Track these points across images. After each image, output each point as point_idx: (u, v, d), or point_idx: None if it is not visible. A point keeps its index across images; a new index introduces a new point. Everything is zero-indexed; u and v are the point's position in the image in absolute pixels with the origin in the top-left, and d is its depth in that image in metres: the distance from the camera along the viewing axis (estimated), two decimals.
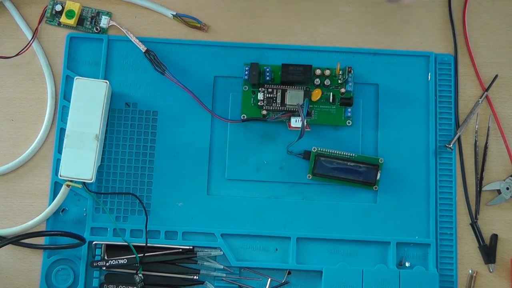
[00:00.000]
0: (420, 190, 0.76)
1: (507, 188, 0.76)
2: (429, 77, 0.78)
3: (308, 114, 0.75)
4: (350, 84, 0.75)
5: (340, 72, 0.76)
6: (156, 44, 0.78)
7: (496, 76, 0.78)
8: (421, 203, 0.75)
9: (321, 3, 0.80)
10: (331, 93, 0.76)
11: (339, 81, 0.76)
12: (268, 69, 0.75)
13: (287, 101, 0.75)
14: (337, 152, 0.75)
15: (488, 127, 0.77)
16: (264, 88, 0.75)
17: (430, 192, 0.76)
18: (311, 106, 0.76)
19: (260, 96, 0.75)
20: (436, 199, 0.76)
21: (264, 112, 0.75)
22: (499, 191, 0.76)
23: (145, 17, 0.79)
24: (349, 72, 0.75)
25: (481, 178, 0.76)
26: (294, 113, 0.75)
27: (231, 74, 0.78)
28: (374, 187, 0.75)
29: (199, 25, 0.78)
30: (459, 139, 0.77)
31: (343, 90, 0.75)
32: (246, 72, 0.75)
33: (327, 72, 0.76)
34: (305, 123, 0.72)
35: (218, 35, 0.79)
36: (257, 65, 0.75)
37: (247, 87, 0.76)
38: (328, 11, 0.80)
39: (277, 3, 0.80)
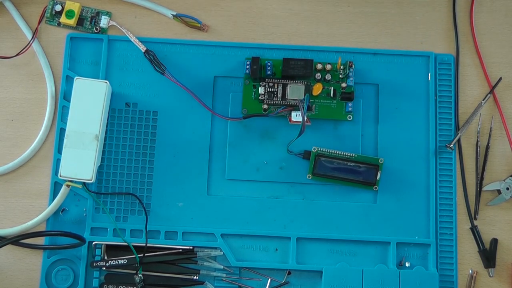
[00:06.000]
0: (420, 190, 0.76)
1: (507, 188, 0.76)
2: (429, 77, 0.78)
3: (309, 108, 0.75)
4: (351, 78, 0.75)
5: (341, 67, 0.76)
6: (156, 44, 0.78)
7: (500, 78, 0.78)
8: (421, 203, 0.75)
9: (321, 3, 0.80)
10: (332, 88, 0.76)
11: (340, 76, 0.76)
12: (269, 64, 0.75)
13: (288, 95, 0.75)
14: (337, 152, 0.75)
15: (491, 127, 0.77)
16: (265, 82, 0.75)
17: (430, 192, 0.76)
18: (312, 100, 0.76)
19: (261, 90, 0.75)
20: (436, 199, 0.76)
21: (265, 106, 0.75)
22: (499, 191, 0.76)
23: (145, 17, 0.79)
24: (350, 66, 0.75)
25: (482, 178, 0.76)
26: (295, 107, 0.75)
27: (231, 74, 0.78)
28: (374, 187, 0.75)
29: (199, 25, 0.78)
30: (459, 139, 0.77)
31: (344, 84, 0.75)
32: (247, 66, 0.75)
33: (328, 67, 0.76)
34: (306, 118, 0.72)
35: (218, 35, 0.79)
36: (259, 59, 0.75)
37: (248, 82, 0.76)
38: (328, 11, 0.80)
39: (277, 3, 0.80)
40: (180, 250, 0.74)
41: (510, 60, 0.79)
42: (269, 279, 0.74)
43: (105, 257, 0.74)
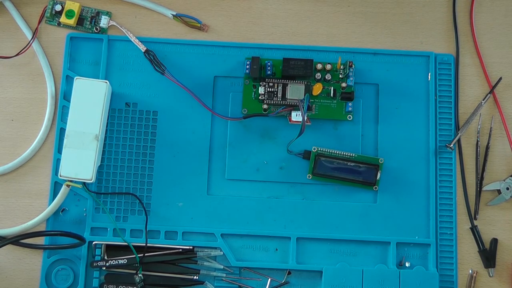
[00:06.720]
0: (420, 190, 0.76)
1: (507, 188, 0.76)
2: (429, 77, 0.78)
3: (309, 108, 0.75)
4: (351, 78, 0.75)
5: (341, 67, 0.76)
6: (156, 44, 0.78)
7: (500, 78, 0.78)
8: (421, 203, 0.75)
9: (321, 3, 0.80)
10: (332, 88, 0.76)
11: (340, 76, 0.76)
12: (269, 63, 0.75)
13: (288, 95, 0.75)
14: (337, 152, 0.75)
15: (491, 127, 0.77)
16: (265, 82, 0.75)
17: (430, 192, 0.76)
18: (312, 100, 0.76)
19: (261, 90, 0.75)
20: (436, 199, 0.76)
21: (265, 106, 0.75)
22: (499, 191, 0.76)
23: (145, 17, 0.79)
24: (350, 66, 0.75)
25: (482, 178, 0.76)
26: (295, 107, 0.75)
27: (231, 74, 0.78)
28: (374, 187, 0.75)
29: (199, 25, 0.78)
30: (459, 139, 0.77)
31: (344, 84, 0.76)
32: (247, 66, 0.75)
33: (328, 67, 0.76)
34: (306, 118, 0.72)
35: (218, 35, 0.79)
36: (259, 59, 0.75)
37: (248, 81, 0.76)
38: (328, 11, 0.80)
39: (277, 3, 0.80)
40: (180, 250, 0.74)
41: (510, 60, 0.79)
42: (269, 279, 0.74)
43: (105, 257, 0.74)
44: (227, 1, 0.80)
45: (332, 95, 0.76)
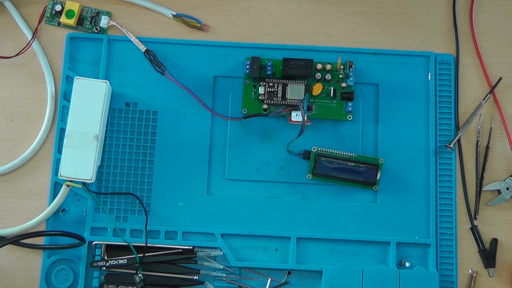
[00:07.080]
0: (420, 190, 0.76)
1: (507, 188, 0.76)
2: (429, 77, 0.78)
3: (309, 108, 0.75)
4: (351, 78, 0.75)
5: (341, 67, 0.76)
6: (156, 44, 0.78)
7: (500, 78, 0.78)
8: (421, 203, 0.76)
9: (321, 3, 0.80)
10: (332, 88, 0.76)
11: (340, 76, 0.76)
12: (269, 63, 0.75)
13: (288, 95, 0.75)
14: (337, 152, 0.75)
15: (491, 127, 0.77)
16: (265, 82, 0.75)
17: (430, 192, 0.76)
18: (312, 100, 0.76)
19: (261, 90, 0.75)
20: (436, 199, 0.76)
21: (265, 106, 0.75)
22: (499, 191, 0.76)
23: (145, 17, 0.79)
24: (350, 66, 0.75)
25: (482, 178, 0.76)
26: (295, 107, 0.75)
27: (231, 74, 0.78)
28: (374, 187, 0.75)
29: (199, 25, 0.78)
30: (459, 139, 0.77)
31: (344, 84, 0.76)
32: (247, 66, 0.75)
33: (328, 67, 0.76)
34: (306, 118, 0.73)
35: (218, 35, 0.79)
36: (259, 59, 0.75)
37: (248, 81, 0.76)
38: (328, 11, 0.80)
39: (277, 3, 0.80)
40: (180, 250, 0.74)
41: (510, 60, 0.79)
42: (269, 279, 0.74)
43: (105, 257, 0.74)
44: (227, 1, 0.80)
45: (332, 95, 0.76)
